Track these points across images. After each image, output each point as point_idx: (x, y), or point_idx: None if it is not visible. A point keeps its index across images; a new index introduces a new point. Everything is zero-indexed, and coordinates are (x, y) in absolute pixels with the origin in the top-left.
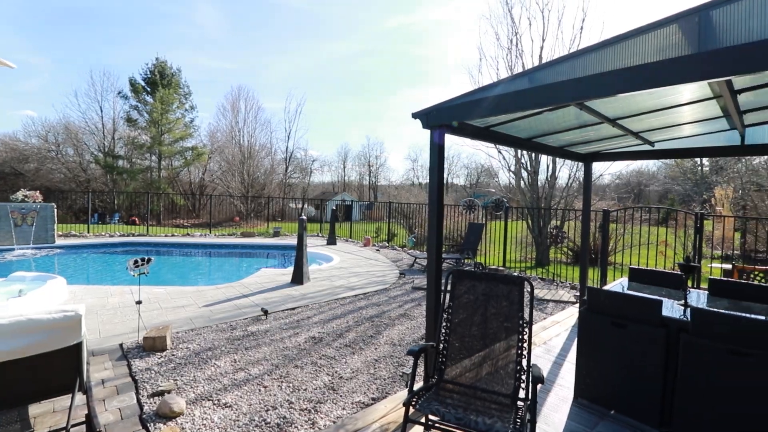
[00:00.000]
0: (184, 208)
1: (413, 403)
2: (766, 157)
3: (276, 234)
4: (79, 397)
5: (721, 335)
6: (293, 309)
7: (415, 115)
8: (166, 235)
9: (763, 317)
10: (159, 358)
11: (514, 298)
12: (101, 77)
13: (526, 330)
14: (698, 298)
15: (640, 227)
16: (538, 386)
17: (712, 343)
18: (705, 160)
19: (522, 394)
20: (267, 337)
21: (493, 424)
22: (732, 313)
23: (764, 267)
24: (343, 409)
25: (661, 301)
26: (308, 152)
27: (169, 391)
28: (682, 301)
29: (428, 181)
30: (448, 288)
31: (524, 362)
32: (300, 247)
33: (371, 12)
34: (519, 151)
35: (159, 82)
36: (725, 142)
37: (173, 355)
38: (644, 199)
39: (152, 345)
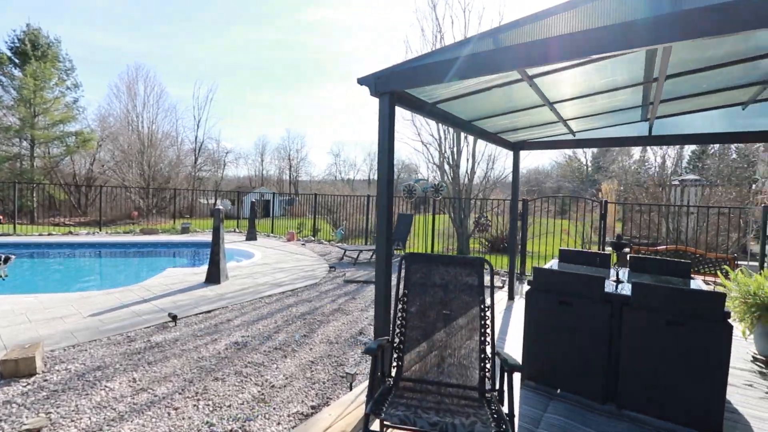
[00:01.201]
0: (66, 203)
1: (376, 411)
2: (647, 153)
3: (185, 230)
4: None
5: (659, 308)
6: (209, 312)
7: (361, 81)
8: (40, 234)
9: (696, 288)
10: (25, 386)
11: (474, 281)
12: None
13: (488, 315)
14: (623, 275)
15: (542, 219)
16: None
17: (652, 315)
18: (589, 162)
19: (489, 384)
20: (177, 347)
21: (472, 425)
22: (669, 286)
23: (653, 248)
24: (279, 423)
25: (604, 278)
26: (221, 143)
27: (38, 429)
28: (614, 278)
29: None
30: (401, 275)
31: (488, 349)
32: (216, 242)
33: (288, 1)
34: (443, 146)
35: (31, 54)
36: (635, 133)
37: (46, 380)
38: (542, 194)
39: (14, 369)
